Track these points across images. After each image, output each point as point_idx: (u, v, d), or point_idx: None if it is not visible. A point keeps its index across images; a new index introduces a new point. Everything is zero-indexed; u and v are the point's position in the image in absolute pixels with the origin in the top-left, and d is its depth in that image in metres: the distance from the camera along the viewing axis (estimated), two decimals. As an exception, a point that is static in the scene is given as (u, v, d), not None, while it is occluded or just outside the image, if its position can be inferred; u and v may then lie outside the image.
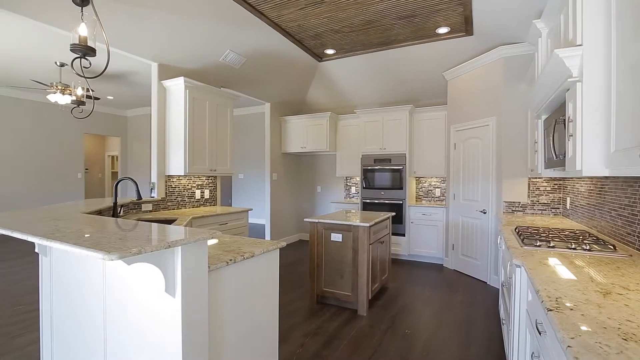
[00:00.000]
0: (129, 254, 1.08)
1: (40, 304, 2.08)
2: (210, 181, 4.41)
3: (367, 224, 3.01)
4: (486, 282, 4.00)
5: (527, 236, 2.09)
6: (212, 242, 2.00)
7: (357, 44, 4.60)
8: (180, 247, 1.33)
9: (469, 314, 3.10)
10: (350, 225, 3.11)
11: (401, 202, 4.99)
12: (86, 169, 9.48)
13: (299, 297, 3.52)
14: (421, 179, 5.44)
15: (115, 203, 2.80)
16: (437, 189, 5.32)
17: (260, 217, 8.42)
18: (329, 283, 3.25)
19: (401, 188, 4.98)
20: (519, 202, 3.72)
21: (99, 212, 2.71)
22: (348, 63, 5.13)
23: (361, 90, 5.60)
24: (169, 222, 3.17)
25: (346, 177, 6.10)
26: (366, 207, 5.26)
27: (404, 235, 4.99)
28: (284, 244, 2.02)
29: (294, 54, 4.78)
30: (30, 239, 1.37)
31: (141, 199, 2.78)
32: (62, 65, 5.36)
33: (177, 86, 3.70)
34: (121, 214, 3.15)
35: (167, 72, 3.81)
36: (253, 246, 1.91)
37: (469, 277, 4.25)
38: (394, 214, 3.89)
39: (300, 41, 4.54)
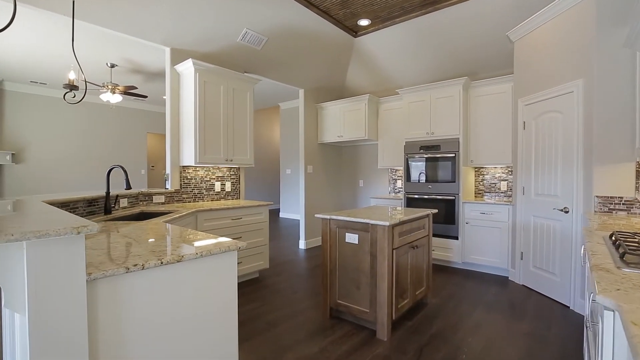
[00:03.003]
0: None
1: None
2: (232, 173, 4.12)
3: (387, 223, 2.34)
4: (568, 307, 2.97)
5: (634, 249, 1.25)
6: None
7: (395, 7, 3.87)
8: (24, 243, 0.92)
9: (538, 353, 2.22)
10: (367, 223, 2.46)
11: (453, 197, 4.10)
12: (152, 166, 10.20)
13: (311, 307, 2.99)
14: (481, 169, 4.44)
15: (107, 193, 2.60)
16: (502, 182, 4.28)
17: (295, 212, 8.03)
18: (344, 294, 2.65)
19: (453, 181, 4.09)
20: (621, 198, 2.63)
21: (89, 202, 2.53)
22: (387, 35, 4.40)
23: (404, 67, 4.80)
24: (169, 214, 2.90)
25: (391, 169, 5.34)
26: (411, 203, 4.47)
27: (456, 238, 4.10)
28: (243, 244, 1.52)
29: (324, 29, 4.23)
30: None
31: (130, 188, 2.53)
32: (112, 66, 5.62)
33: (187, 70, 3.44)
34: (125, 205, 2.97)
35: (181, 56, 3.59)
36: (200, 247, 1.44)
37: (543, 297, 3.24)
38: (435, 211, 3.10)
39: (327, 12, 3.98)
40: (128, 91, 5.79)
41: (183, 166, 3.62)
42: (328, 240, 2.71)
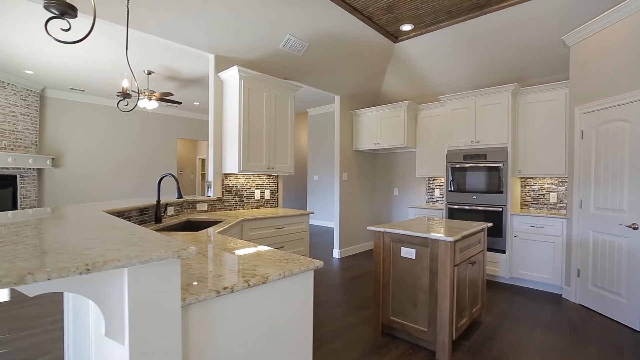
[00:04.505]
0: (-7, 285, 0.64)
1: (64, 319, 1.89)
2: (271, 180, 4.08)
3: (451, 238, 2.21)
4: (638, 331, 2.74)
5: None
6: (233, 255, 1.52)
7: (441, 12, 3.75)
8: (126, 271, 0.86)
9: (617, 384, 2.03)
10: (427, 238, 2.34)
11: (500, 209, 3.91)
12: (180, 171, 10.38)
13: (362, 321, 2.88)
14: (528, 179, 4.23)
15: (158, 201, 2.59)
16: (551, 194, 4.06)
17: (332, 220, 7.94)
18: (398, 311, 2.53)
19: (500, 191, 3.90)
20: (702, 215, 2.41)
21: (141, 211, 2.52)
22: (429, 40, 4.28)
23: (446, 72, 4.66)
24: (214, 223, 2.87)
25: (428, 178, 5.19)
26: (453, 214, 4.30)
27: (503, 252, 3.90)
28: (320, 263, 1.44)
29: (364, 35, 4.15)
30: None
31: (181, 197, 2.51)
32: (149, 73, 5.73)
33: (232, 77, 3.43)
34: (171, 213, 2.96)
35: (224, 63, 3.59)
36: (274, 265, 1.37)
37: (606, 318, 3.01)
38: (490, 224, 2.95)
39: (370, 17, 3.90)
40: (164, 97, 5.88)
41: (225, 174, 3.60)
42: (381, 253, 2.60)
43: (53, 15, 1.27)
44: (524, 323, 2.88)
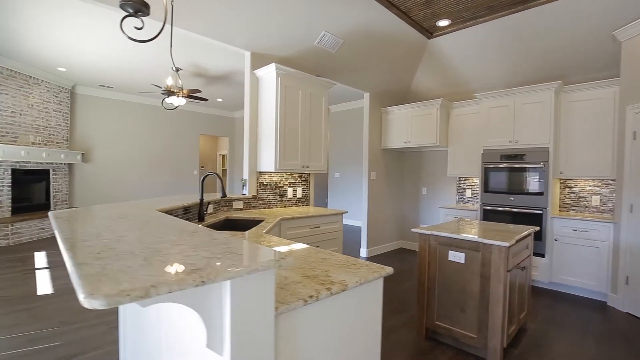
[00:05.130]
0: (127, 297, 0.62)
1: (119, 314, 1.91)
2: (303, 179, 4.05)
3: (506, 243, 2.14)
4: (698, 342, 2.61)
5: None
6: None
7: (481, 7, 3.63)
8: (229, 282, 0.84)
9: (685, 400, 1.93)
10: (479, 242, 2.27)
11: (540, 211, 3.78)
12: (202, 166, 10.49)
13: (402, 324, 2.83)
14: (568, 181, 4.08)
15: (201, 200, 2.59)
16: (594, 196, 3.90)
17: (356, 218, 7.89)
18: (444, 316, 2.47)
19: (541, 193, 3.77)
20: None
21: (186, 209, 2.52)
22: (466, 36, 4.15)
23: (482, 69, 4.52)
24: (256, 222, 2.86)
25: (459, 178, 5.07)
26: (488, 215, 4.19)
27: (543, 255, 3.78)
28: (390, 270, 1.39)
29: (399, 31, 4.06)
30: (60, 244, 1.07)
31: (225, 196, 2.50)
32: (177, 70, 5.77)
33: (268, 74, 3.40)
34: (210, 211, 2.97)
35: (260, 60, 3.56)
36: (345, 270, 1.33)
37: (659, 327, 2.87)
38: (537, 228, 2.84)
39: (407, 13, 3.80)
40: (192, 94, 5.92)
41: (260, 172, 3.58)
42: (426, 257, 2.54)
43: (128, 14, 1.25)
44: (571, 331, 2.78)
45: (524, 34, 3.82)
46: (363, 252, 5.11)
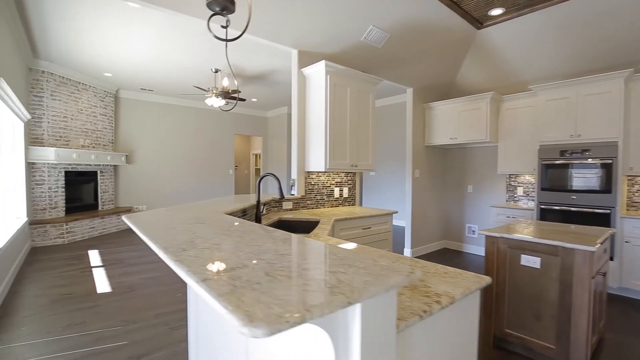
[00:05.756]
0: (286, 324, 0.56)
1: (188, 316, 1.91)
2: (349, 178, 3.97)
3: (592, 248, 1.96)
4: None
5: None
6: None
7: (544, -8, 3.38)
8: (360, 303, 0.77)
9: None
10: (558, 246, 2.10)
11: (608, 211, 3.49)
12: (235, 166, 10.65)
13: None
14: (636, 178, 3.75)
15: (258, 201, 2.57)
16: (669, 194, 3.56)
17: (396, 217, 7.72)
18: (515, 324, 2.32)
19: (608, 191, 3.49)
20: None
21: (244, 211, 2.51)
22: (521, 24, 3.90)
23: (537, 59, 4.24)
24: (312, 223, 2.81)
25: (509, 175, 4.81)
26: (546, 215, 3.93)
27: (611, 259, 3.50)
28: (488, 279, 1.29)
29: (447, 22, 3.88)
30: (161, 255, 1.04)
31: (283, 197, 2.47)
32: (216, 71, 5.85)
33: (317, 72, 3.34)
34: (264, 212, 2.96)
35: (306, 58, 3.51)
36: (440, 279, 1.24)
37: None
38: (614, 230, 2.61)
39: (458, 3, 3.62)
40: (231, 95, 5.98)
41: (308, 172, 3.54)
42: (495, 260, 2.39)
43: (214, 12, 1.21)
44: (656, 342, 2.54)
45: (587, 18, 3.53)
46: (407, 252, 4.96)
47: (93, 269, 4.16)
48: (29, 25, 4.16)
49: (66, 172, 5.90)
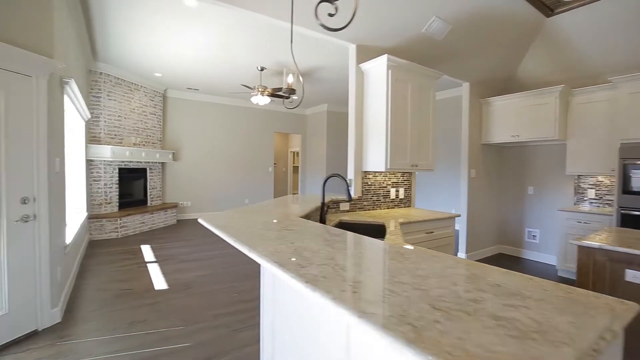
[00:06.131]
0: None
1: (261, 317, 1.83)
2: (405, 178, 3.78)
3: None
4: None
5: None
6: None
7: (637, -29, 3.00)
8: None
9: None
10: (678, 262, 1.81)
11: None
12: (275, 163, 10.72)
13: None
14: None
15: (323, 203, 2.47)
16: None
17: (438, 218, 7.38)
18: (617, 347, 2.04)
19: None
20: None
21: (307, 214, 2.41)
22: (598, 9, 3.51)
23: (614, 48, 3.81)
24: (377, 227, 2.66)
25: (578, 176, 4.39)
26: (628, 221, 3.53)
27: None
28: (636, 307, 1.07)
29: (514, 10, 3.57)
30: (273, 268, 0.94)
31: (351, 199, 2.34)
32: (262, 69, 5.83)
33: (377, 67, 3.17)
34: (327, 214, 2.85)
35: (364, 53, 3.35)
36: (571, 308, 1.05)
37: None
38: None
39: (534, -12, 3.30)
40: (275, 93, 5.95)
41: (364, 172, 3.39)
42: (590, 274, 2.13)
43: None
44: None
45: (688, 0, 3.10)
46: (461, 257, 4.69)
47: (148, 264, 4.27)
48: (92, 29, 4.32)
49: (119, 169, 6.14)
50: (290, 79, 2.35)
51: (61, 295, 2.84)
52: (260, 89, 5.76)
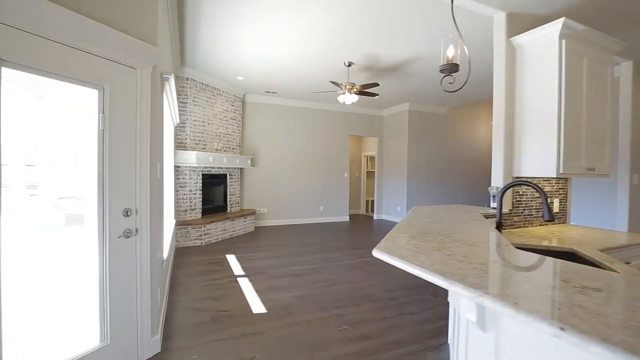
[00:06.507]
0: None
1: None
2: (560, 186, 2.88)
3: None
4: None
5: None
6: None
7: None
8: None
9: None
10: None
11: None
12: (346, 169, 10.16)
13: None
14: None
15: (500, 223, 1.76)
16: None
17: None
18: None
19: None
20: None
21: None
22: None
23: None
24: (567, 256, 1.87)
25: None
26: None
27: None
28: None
29: None
30: None
31: (552, 219, 1.59)
32: (349, 65, 5.29)
33: (543, 38, 2.37)
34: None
35: (518, 23, 2.58)
36: None
37: None
38: None
39: None
40: (364, 90, 5.37)
41: (516, 178, 2.60)
42: None
43: None
44: None
45: None
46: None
47: (238, 278, 3.92)
48: (184, 34, 4.15)
49: (202, 175, 6.04)
50: (450, 52, 1.71)
51: (159, 319, 2.50)
52: (347, 86, 5.22)
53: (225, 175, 6.74)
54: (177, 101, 4.86)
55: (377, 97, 6.04)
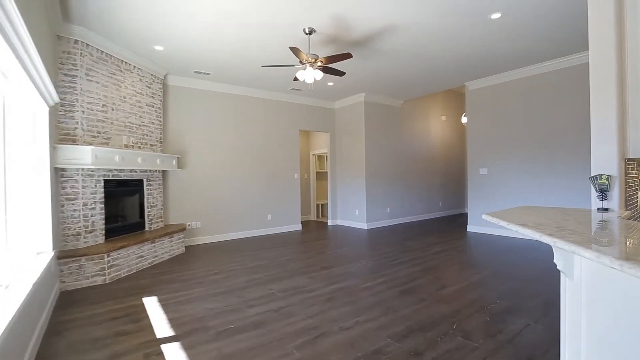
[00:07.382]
0: None
1: None
2: (645, 174, 2.06)
3: None
4: None
5: None
6: None
7: None
8: None
9: None
10: None
11: None
12: (293, 170, 8.90)
13: None
14: None
15: None
16: None
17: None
18: None
19: None
20: None
21: None
22: None
23: None
24: None
25: None
26: None
27: None
28: None
29: None
30: None
31: None
32: (310, 32, 4.10)
33: None
34: None
35: None
36: None
37: None
38: None
39: None
40: (330, 64, 4.22)
41: (629, 159, 1.66)
42: None
43: None
44: None
45: None
46: None
47: (163, 348, 2.41)
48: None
49: (105, 181, 4.26)
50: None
51: None
52: (310, 59, 4.02)
53: (141, 180, 4.99)
54: (46, 69, 3.18)
55: (343, 75, 4.92)
